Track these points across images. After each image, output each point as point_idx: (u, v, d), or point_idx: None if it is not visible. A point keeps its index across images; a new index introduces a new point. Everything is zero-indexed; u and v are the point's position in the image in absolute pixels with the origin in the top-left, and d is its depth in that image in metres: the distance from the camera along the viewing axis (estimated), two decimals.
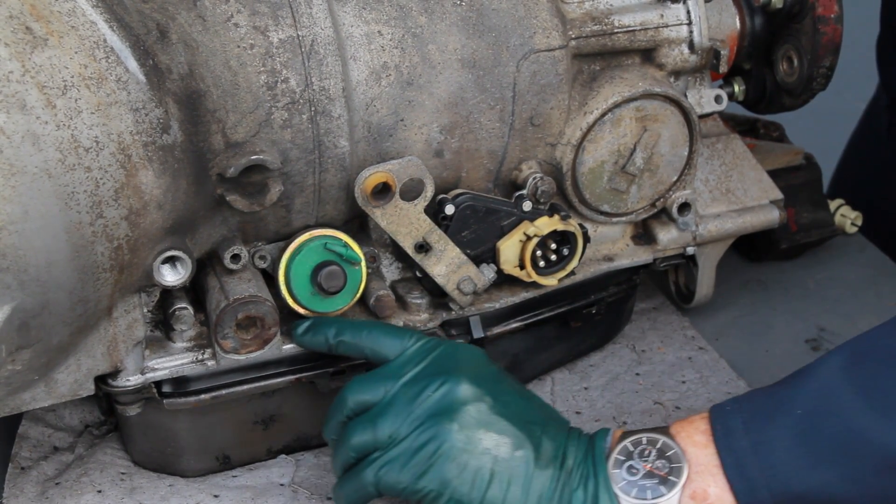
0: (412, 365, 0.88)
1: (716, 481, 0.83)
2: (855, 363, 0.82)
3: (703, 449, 0.84)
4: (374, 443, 0.86)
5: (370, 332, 0.90)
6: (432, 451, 0.84)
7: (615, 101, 0.98)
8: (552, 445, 0.86)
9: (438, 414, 0.85)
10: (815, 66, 1.07)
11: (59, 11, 0.80)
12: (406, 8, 0.91)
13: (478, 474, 0.84)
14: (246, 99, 0.87)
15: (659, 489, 0.84)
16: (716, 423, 0.85)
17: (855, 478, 0.80)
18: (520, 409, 0.87)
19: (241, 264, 0.91)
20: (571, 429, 0.88)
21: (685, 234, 1.06)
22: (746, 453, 0.83)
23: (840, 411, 0.81)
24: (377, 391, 0.87)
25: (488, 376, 0.88)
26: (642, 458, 0.85)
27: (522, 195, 0.97)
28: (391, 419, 0.86)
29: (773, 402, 0.84)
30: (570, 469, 0.85)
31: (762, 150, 1.18)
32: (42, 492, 0.95)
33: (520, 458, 0.85)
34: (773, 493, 0.82)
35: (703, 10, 1.00)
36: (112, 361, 0.89)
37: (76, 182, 0.79)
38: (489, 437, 0.85)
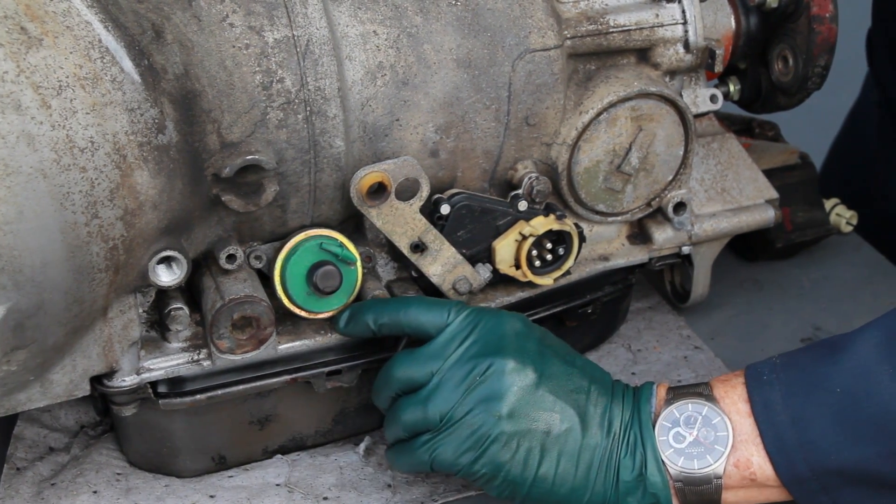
0: (456, 343, 0.89)
1: (758, 451, 0.86)
2: (890, 342, 0.84)
3: (746, 418, 0.87)
4: (424, 423, 0.88)
5: (408, 310, 0.91)
6: (484, 437, 0.87)
7: (610, 101, 0.98)
8: (598, 412, 0.88)
9: (487, 399, 0.87)
10: (811, 66, 1.07)
11: (53, 11, 0.80)
12: (401, 8, 0.91)
13: (529, 454, 0.87)
14: (241, 99, 0.87)
15: (705, 458, 0.86)
16: (754, 393, 0.87)
17: (891, 455, 0.83)
18: (564, 379, 0.88)
19: (237, 264, 0.91)
20: (615, 385, 0.90)
21: (681, 234, 1.06)
22: (786, 427, 0.85)
23: (878, 392, 0.83)
24: (424, 370, 0.89)
25: (531, 349, 0.89)
26: (688, 426, 0.87)
27: (518, 195, 0.97)
28: (441, 402, 0.87)
29: (812, 378, 0.85)
30: (617, 433, 0.87)
31: (757, 149, 1.18)
32: (38, 492, 0.95)
33: (567, 431, 0.87)
34: (811, 467, 0.84)
35: (698, 10, 1.00)
36: (107, 362, 0.89)
37: (71, 182, 0.79)
38: (537, 415, 0.87)
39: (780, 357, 0.89)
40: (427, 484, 0.97)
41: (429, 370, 0.89)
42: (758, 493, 0.87)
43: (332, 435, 1.01)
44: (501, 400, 0.87)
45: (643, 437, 0.87)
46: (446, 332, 0.89)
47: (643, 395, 0.89)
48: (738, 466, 0.86)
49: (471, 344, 0.88)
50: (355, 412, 1.01)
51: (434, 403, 0.88)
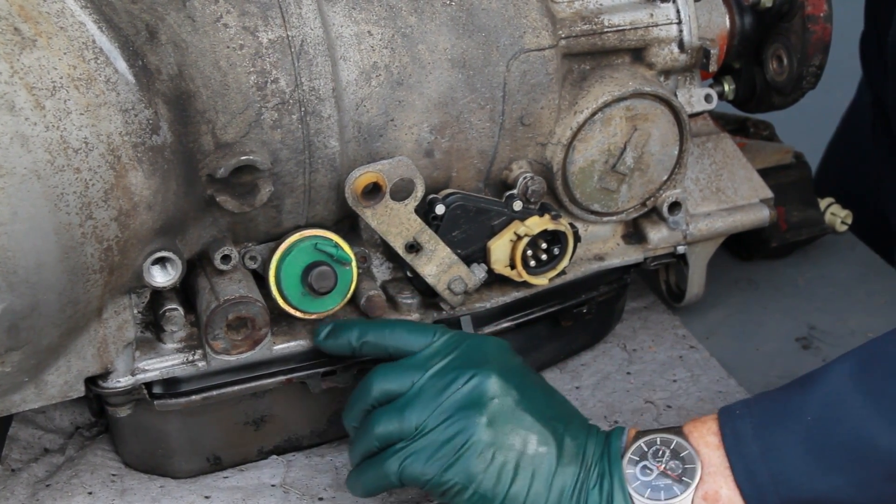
0: (440, 357, 0.88)
1: (727, 483, 0.84)
2: (864, 370, 0.82)
3: (716, 450, 0.85)
4: (399, 433, 0.87)
5: (394, 331, 0.90)
6: (459, 445, 0.85)
7: (605, 101, 0.98)
8: (574, 443, 0.87)
9: (467, 407, 0.86)
10: (805, 65, 1.07)
11: (47, 12, 0.80)
12: (396, 8, 0.91)
13: (503, 469, 0.85)
14: (236, 99, 0.87)
15: (672, 489, 0.85)
16: (725, 426, 0.86)
17: (863, 484, 0.81)
18: (544, 405, 0.88)
19: (232, 265, 0.91)
20: (590, 426, 0.89)
21: (676, 233, 1.06)
22: (756, 459, 0.83)
23: (849, 418, 0.81)
24: (404, 381, 0.88)
25: (515, 370, 0.88)
26: (656, 459, 0.86)
27: (513, 195, 0.97)
28: (419, 410, 0.86)
29: (783, 407, 0.84)
30: (589, 467, 0.86)
31: (752, 148, 1.18)
32: (32, 493, 0.95)
33: (544, 454, 0.86)
34: (781, 497, 0.83)
35: (692, 10, 1.00)
36: (102, 363, 0.89)
37: (65, 183, 0.79)
38: (516, 432, 0.86)
39: (755, 395, 0.88)
40: None
41: (409, 380, 0.87)
42: None
43: (328, 435, 1.01)
44: (482, 409, 0.85)
45: (611, 470, 0.86)
46: (430, 347, 0.89)
47: (614, 434, 0.88)
48: (706, 499, 0.85)
49: (455, 357, 0.88)
50: None
51: (411, 411, 0.86)
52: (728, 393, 1.06)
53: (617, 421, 1.04)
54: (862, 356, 0.84)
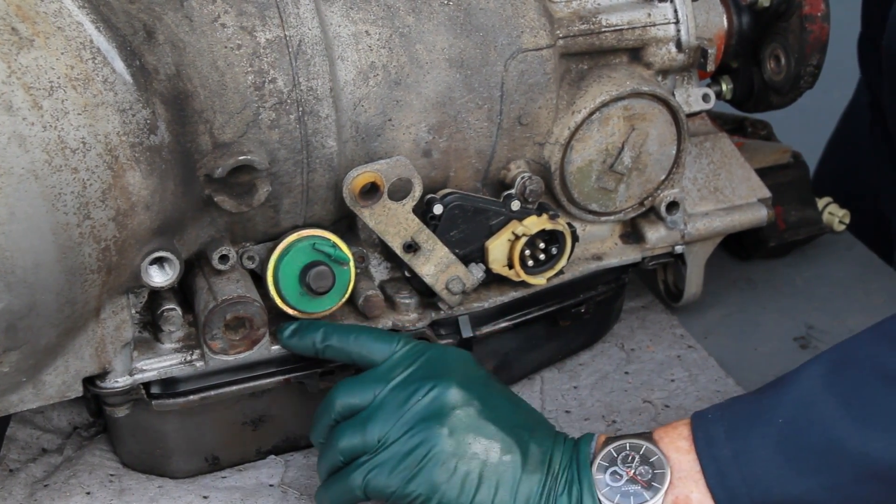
0: (401, 368, 0.88)
1: (698, 487, 0.84)
2: (835, 372, 0.82)
3: (686, 455, 0.85)
4: (363, 446, 0.86)
5: (357, 337, 0.90)
6: (422, 456, 0.85)
7: (603, 100, 0.98)
8: (539, 450, 0.86)
9: (428, 418, 0.85)
10: (803, 65, 1.07)
11: (45, 12, 0.80)
12: (393, 8, 0.91)
13: (466, 479, 0.85)
14: (233, 99, 0.87)
15: (642, 495, 0.84)
16: (697, 430, 0.85)
17: (835, 486, 0.81)
18: (508, 414, 0.87)
19: (230, 265, 0.91)
20: (557, 433, 0.89)
21: (673, 233, 1.06)
22: (728, 462, 0.83)
23: (820, 420, 0.81)
24: (366, 395, 0.87)
25: (477, 380, 0.88)
26: (625, 464, 0.85)
27: (511, 194, 0.97)
28: (380, 423, 0.86)
29: (754, 410, 0.84)
30: (556, 473, 0.85)
31: (750, 148, 1.18)
32: (30, 494, 0.95)
33: (508, 462, 0.85)
34: (754, 500, 0.83)
35: (690, 9, 1.00)
36: (100, 363, 0.89)
37: (63, 183, 0.79)
38: (478, 441, 0.85)
39: (729, 399, 0.88)
40: None
41: (371, 393, 0.87)
42: None
43: None
44: (443, 419, 0.85)
45: (580, 476, 0.85)
46: (392, 358, 0.88)
47: (583, 440, 0.88)
48: (677, 503, 0.85)
49: (416, 369, 0.87)
50: None
51: (373, 424, 0.86)
52: (726, 392, 1.06)
53: (615, 421, 1.04)
54: (833, 357, 0.84)
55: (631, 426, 1.02)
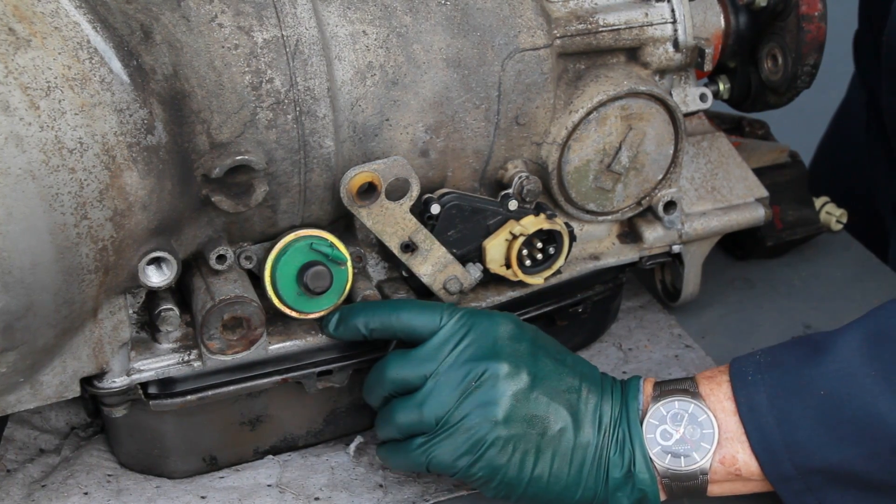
0: (450, 346, 0.89)
1: (743, 449, 0.88)
2: (875, 344, 0.86)
3: (732, 416, 0.88)
4: (420, 426, 0.89)
5: (399, 315, 0.91)
6: (481, 442, 0.88)
7: (600, 100, 0.98)
8: (589, 409, 0.89)
9: (483, 405, 0.88)
10: (800, 64, 1.07)
11: (42, 12, 0.80)
12: (391, 7, 0.91)
13: (525, 456, 0.88)
14: (231, 99, 0.87)
15: (692, 455, 0.88)
16: (739, 394, 0.88)
17: (872, 456, 0.85)
18: (556, 380, 0.89)
19: (227, 265, 0.91)
20: (604, 380, 0.92)
21: (671, 233, 1.06)
22: (771, 429, 0.87)
23: (861, 394, 0.85)
24: (418, 372, 0.89)
25: (524, 352, 0.90)
26: (675, 424, 0.88)
27: (508, 194, 0.97)
28: (437, 406, 0.88)
29: (796, 380, 0.87)
30: (607, 430, 0.89)
31: (747, 148, 1.18)
32: (28, 494, 0.95)
33: (561, 432, 0.88)
34: (797, 466, 0.86)
35: (687, 9, 1.00)
36: (98, 363, 0.89)
37: (60, 183, 0.79)
38: (532, 419, 0.88)
39: (764, 354, 0.90)
40: (418, 484, 0.97)
41: (422, 373, 0.89)
42: (742, 485, 0.90)
43: (323, 435, 1.01)
44: (497, 405, 0.88)
45: (631, 435, 0.88)
46: (439, 334, 0.90)
47: (630, 392, 0.91)
48: (723, 463, 0.88)
49: (465, 347, 0.89)
50: (346, 412, 1.00)
51: (430, 407, 0.88)
52: None
53: None
54: (870, 329, 0.87)
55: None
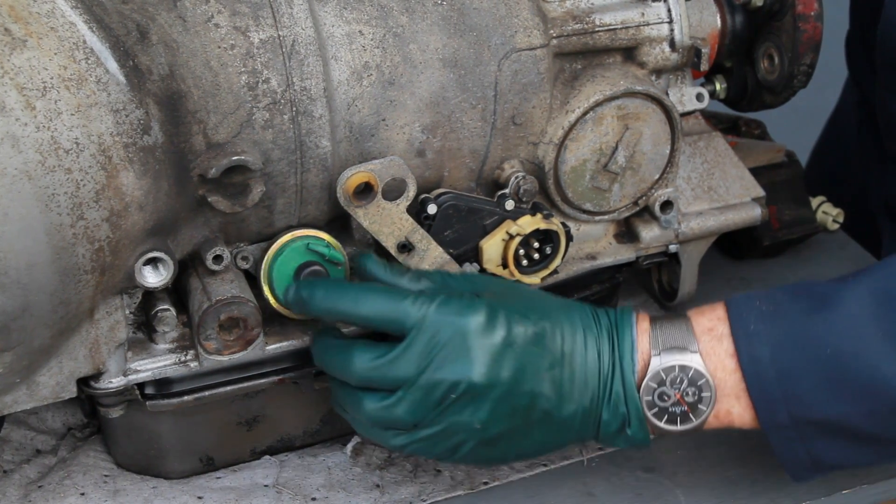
0: (421, 354, 0.85)
1: (739, 403, 0.88)
2: (883, 304, 0.85)
3: (732, 374, 0.88)
4: (394, 423, 0.88)
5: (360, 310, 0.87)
6: (462, 443, 0.87)
7: (597, 100, 0.98)
8: (577, 380, 0.87)
9: (463, 415, 0.86)
10: (796, 64, 1.07)
11: (37, 13, 0.79)
12: (387, 7, 0.91)
13: (510, 444, 0.88)
14: (227, 99, 0.87)
15: (688, 417, 0.88)
16: (740, 345, 0.87)
17: (872, 414, 0.85)
18: (538, 360, 0.87)
19: (224, 265, 0.91)
20: (592, 322, 0.89)
21: (668, 232, 1.06)
22: (771, 381, 0.86)
23: (866, 355, 0.84)
24: (388, 376, 0.86)
25: (499, 345, 0.86)
26: (673, 387, 0.87)
27: (505, 194, 0.97)
28: (412, 415, 0.86)
29: (801, 334, 0.86)
30: (594, 391, 0.87)
31: (744, 147, 1.18)
32: (24, 495, 0.95)
33: (545, 414, 0.87)
34: (793, 417, 0.86)
35: (683, 8, 1.00)
36: (94, 363, 0.89)
37: (56, 184, 0.79)
38: (514, 413, 0.87)
39: (765, 301, 0.89)
40: (415, 484, 0.97)
41: (393, 378, 0.86)
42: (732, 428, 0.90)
43: (321, 435, 1.01)
44: (476, 414, 0.86)
45: (626, 396, 0.87)
46: (410, 343, 0.86)
47: (625, 343, 0.88)
48: (717, 417, 0.89)
49: (437, 355, 0.85)
50: None
51: (404, 413, 0.86)
52: None
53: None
54: (877, 286, 0.86)
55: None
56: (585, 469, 0.99)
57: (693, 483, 0.98)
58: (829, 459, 0.88)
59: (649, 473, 0.99)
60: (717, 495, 0.97)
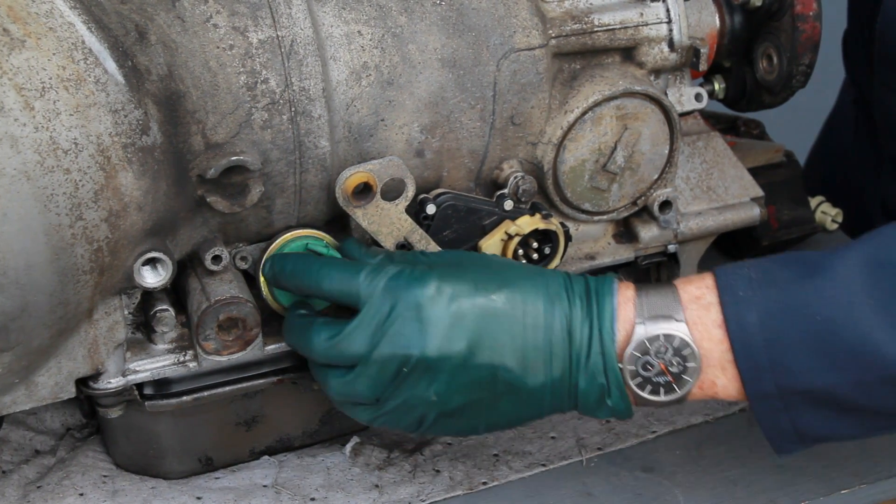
0: (375, 327, 0.85)
1: (725, 374, 0.85)
2: (874, 273, 0.83)
3: (719, 345, 0.85)
4: (357, 397, 0.87)
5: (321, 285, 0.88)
6: (424, 416, 0.87)
7: (596, 100, 0.98)
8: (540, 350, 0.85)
9: (419, 388, 0.85)
10: (795, 64, 1.07)
11: (36, 13, 0.79)
12: (386, 8, 0.91)
13: (475, 415, 0.87)
14: (226, 100, 0.87)
15: (672, 388, 0.86)
16: (728, 310, 0.85)
17: (860, 384, 0.83)
18: (493, 336, 0.85)
19: (223, 265, 0.91)
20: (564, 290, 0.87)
21: (666, 232, 1.06)
22: (759, 348, 0.84)
23: (857, 324, 0.82)
24: (344, 354, 0.86)
25: (449, 317, 0.85)
26: (658, 356, 0.85)
27: (504, 194, 0.97)
28: (372, 390, 0.86)
29: (791, 301, 0.84)
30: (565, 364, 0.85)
31: (742, 147, 1.18)
32: (23, 495, 0.95)
33: (508, 385, 0.86)
34: (779, 386, 0.84)
35: (682, 9, 1.00)
36: (93, 364, 0.89)
37: (55, 184, 0.79)
38: (472, 385, 0.86)
39: (754, 269, 0.87)
40: (414, 484, 0.97)
41: (350, 354, 0.86)
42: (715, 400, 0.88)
43: (319, 436, 1.01)
44: (431, 387, 0.85)
45: (606, 367, 0.85)
46: (364, 316, 0.85)
47: (605, 312, 0.86)
48: (702, 388, 0.86)
49: (390, 327, 0.85)
50: (342, 413, 1.00)
51: (364, 387, 0.86)
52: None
53: (608, 420, 1.04)
54: (870, 255, 0.84)
55: (624, 425, 1.02)
56: (584, 469, 0.99)
57: (692, 483, 0.98)
58: (813, 431, 0.86)
59: (648, 473, 0.99)
60: (716, 495, 0.97)
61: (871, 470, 0.98)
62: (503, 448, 1.01)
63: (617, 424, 1.03)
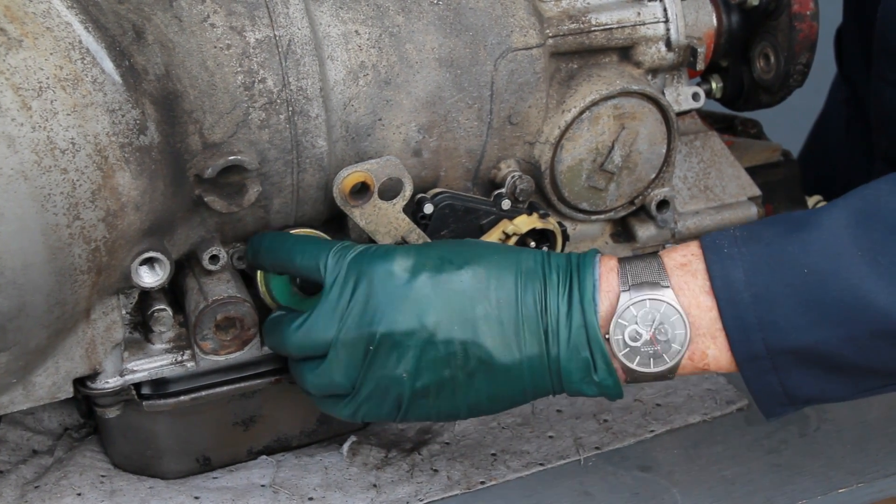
0: (342, 306, 0.85)
1: (715, 343, 0.83)
2: (861, 224, 0.81)
3: (708, 312, 0.83)
4: (334, 388, 0.87)
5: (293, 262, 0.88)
6: (400, 397, 0.85)
7: (593, 100, 0.98)
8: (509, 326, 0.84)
9: (388, 366, 0.84)
10: (792, 63, 1.07)
11: (33, 13, 0.79)
12: (383, 7, 0.91)
13: (454, 393, 0.85)
14: (223, 99, 0.87)
15: (662, 357, 0.84)
16: (714, 268, 0.83)
17: (851, 339, 0.81)
18: (460, 312, 0.84)
19: (220, 265, 0.91)
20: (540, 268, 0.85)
21: (664, 232, 1.06)
22: (746, 305, 0.82)
23: (846, 275, 0.80)
24: (316, 342, 0.86)
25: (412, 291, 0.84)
26: (645, 324, 0.83)
27: (501, 194, 0.97)
28: (345, 375, 0.85)
29: (777, 254, 0.82)
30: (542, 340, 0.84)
31: (740, 147, 1.18)
32: (21, 495, 0.95)
33: (480, 362, 0.84)
34: (768, 345, 0.82)
35: (679, 8, 1.00)
36: (91, 364, 0.89)
37: (52, 184, 0.79)
38: (443, 361, 0.84)
39: (740, 229, 0.85)
40: (412, 483, 0.97)
41: (321, 342, 0.85)
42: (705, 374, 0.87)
43: (317, 435, 1.01)
44: (400, 364, 0.84)
45: (589, 340, 0.83)
46: (330, 296, 0.85)
47: (586, 284, 0.84)
48: (692, 359, 0.84)
49: (357, 304, 0.84)
50: None
51: (339, 375, 0.86)
52: (717, 391, 1.06)
53: (606, 419, 1.04)
54: (857, 206, 0.82)
55: (622, 424, 1.03)
56: (582, 468, 0.99)
57: (689, 482, 0.98)
58: (803, 392, 0.84)
59: (646, 472, 0.99)
60: (714, 494, 0.97)
61: (869, 469, 0.98)
62: (501, 447, 1.01)
63: (614, 423, 1.03)
